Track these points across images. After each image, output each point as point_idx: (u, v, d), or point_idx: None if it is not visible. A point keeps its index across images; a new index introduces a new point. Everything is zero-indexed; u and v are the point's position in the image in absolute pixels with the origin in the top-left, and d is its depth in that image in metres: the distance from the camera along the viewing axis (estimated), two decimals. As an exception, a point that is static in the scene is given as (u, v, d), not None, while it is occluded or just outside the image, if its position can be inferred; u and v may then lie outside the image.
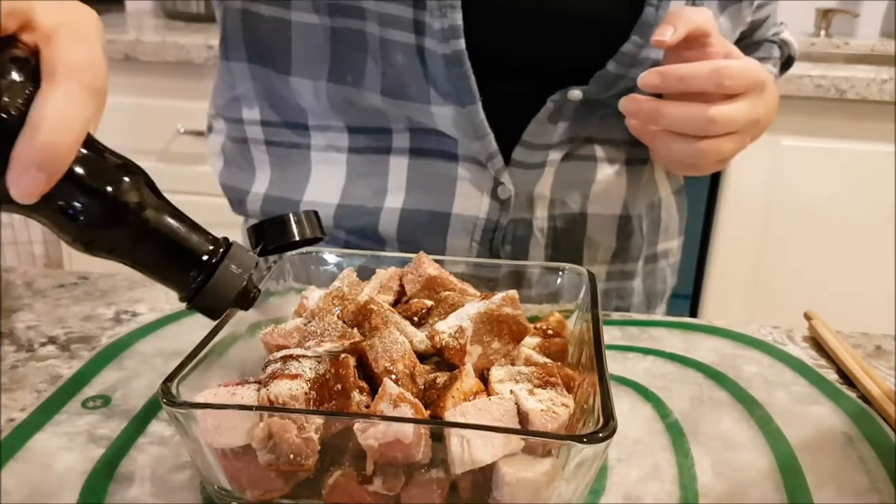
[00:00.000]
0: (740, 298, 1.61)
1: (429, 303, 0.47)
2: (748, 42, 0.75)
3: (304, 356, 0.39)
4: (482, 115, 0.61)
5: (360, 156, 0.67)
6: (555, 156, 0.64)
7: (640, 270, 0.74)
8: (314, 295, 0.48)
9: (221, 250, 0.38)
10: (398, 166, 0.65)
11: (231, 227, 2.00)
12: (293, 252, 0.52)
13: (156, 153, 1.74)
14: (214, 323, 0.41)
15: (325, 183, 0.67)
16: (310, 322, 0.43)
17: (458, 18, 0.57)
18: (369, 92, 0.62)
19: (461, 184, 0.64)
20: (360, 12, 0.59)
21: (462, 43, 0.58)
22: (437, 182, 0.65)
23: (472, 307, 0.43)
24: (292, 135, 0.68)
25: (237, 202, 0.73)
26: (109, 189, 0.34)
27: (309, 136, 0.68)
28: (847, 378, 0.53)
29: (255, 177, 0.70)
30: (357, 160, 0.67)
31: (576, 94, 0.61)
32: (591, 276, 0.49)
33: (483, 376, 0.41)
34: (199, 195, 1.76)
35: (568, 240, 0.68)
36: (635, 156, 0.68)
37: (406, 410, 0.36)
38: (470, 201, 0.65)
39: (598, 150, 0.66)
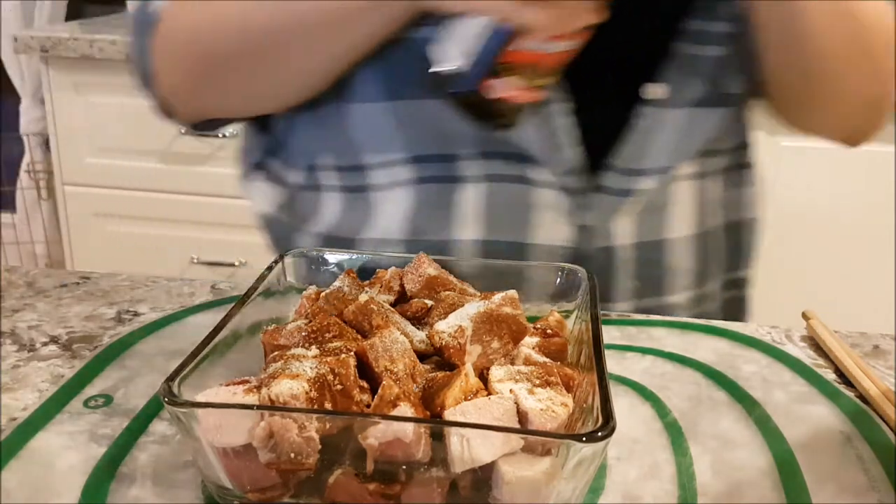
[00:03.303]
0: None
1: (429, 303, 0.47)
2: None
3: (304, 356, 0.39)
4: (566, 119, 0.58)
5: (425, 186, 0.62)
6: (646, 184, 0.62)
7: (718, 295, 0.71)
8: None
9: None
10: (469, 195, 0.61)
11: (232, 228, 1.99)
12: (293, 252, 0.52)
13: (157, 153, 1.74)
14: (215, 324, 0.42)
15: (391, 219, 0.63)
16: (310, 322, 0.43)
17: None
18: (433, 101, 0.58)
19: (540, 211, 0.61)
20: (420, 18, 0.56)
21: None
22: (513, 210, 0.61)
23: (472, 307, 0.43)
24: (349, 177, 0.64)
25: (282, 241, 0.69)
26: None
27: (366, 176, 0.63)
28: (845, 377, 0.53)
29: (309, 220, 0.67)
30: (423, 191, 0.62)
31: (655, 89, 0.58)
32: (591, 276, 0.49)
33: (483, 376, 0.41)
34: (199, 195, 1.76)
35: (650, 268, 0.65)
36: (708, 168, 0.65)
37: (406, 410, 0.36)
38: (550, 230, 0.61)
39: (683, 168, 0.64)
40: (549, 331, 0.46)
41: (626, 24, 0.55)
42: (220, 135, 1.68)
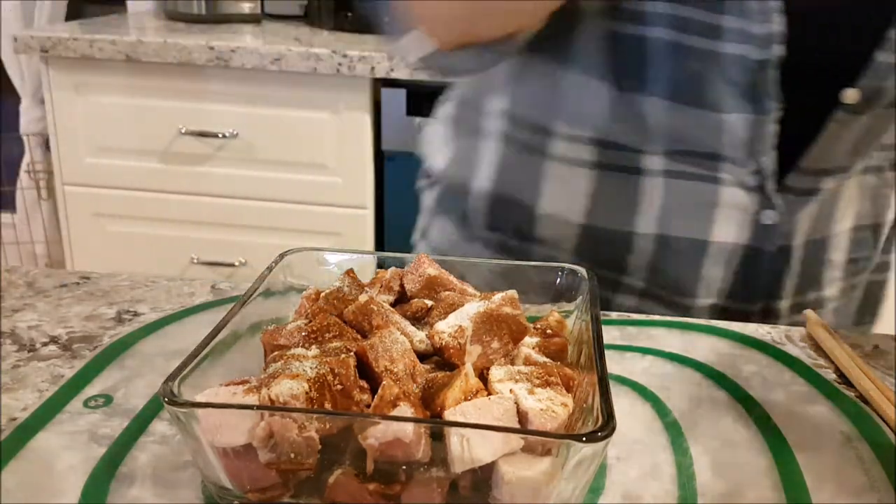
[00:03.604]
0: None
1: (429, 303, 0.47)
2: None
3: (304, 356, 0.39)
4: (774, 125, 0.59)
5: (606, 173, 0.63)
6: (828, 184, 0.62)
7: (865, 281, 0.71)
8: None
9: None
10: (651, 188, 0.62)
11: (232, 228, 1.99)
12: (293, 251, 0.52)
13: (157, 154, 1.74)
14: (215, 324, 0.42)
15: (566, 199, 0.64)
16: (310, 322, 0.43)
17: (782, 23, 0.55)
18: (655, 98, 0.59)
19: (722, 209, 0.62)
20: (643, 17, 0.57)
21: (782, 48, 0.55)
22: (694, 207, 0.62)
23: (472, 307, 0.43)
24: (531, 136, 0.65)
25: (454, 196, 0.70)
26: None
27: (550, 144, 0.64)
28: (845, 378, 0.53)
29: (477, 173, 0.68)
30: (604, 177, 0.63)
31: (852, 94, 0.58)
32: (591, 276, 0.49)
33: (483, 376, 0.41)
34: (199, 195, 1.76)
35: (813, 264, 0.66)
36: (871, 162, 0.65)
37: (406, 410, 0.36)
38: (731, 229, 0.62)
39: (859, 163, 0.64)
40: (549, 331, 0.46)
41: (831, 31, 0.56)
42: (220, 135, 1.68)
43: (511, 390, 0.38)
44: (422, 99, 1.64)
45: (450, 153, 0.71)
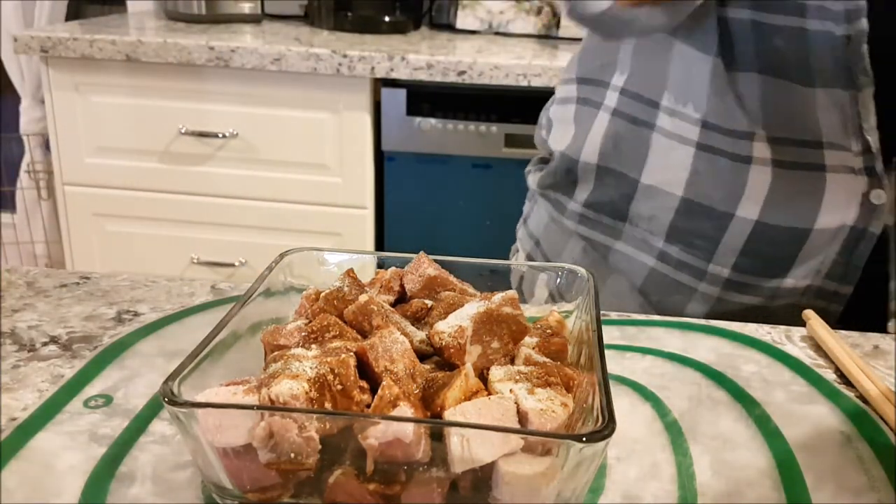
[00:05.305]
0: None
1: (429, 303, 0.47)
2: None
3: (304, 356, 0.39)
4: (872, 102, 0.58)
5: (710, 156, 0.63)
6: None
7: None
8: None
9: None
10: (759, 176, 0.62)
11: (232, 228, 1.99)
12: (293, 251, 0.52)
13: (157, 154, 1.74)
14: (215, 324, 0.42)
15: (668, 171, 0.64)
16: (310, 322, 0.43)
17: None
18: (751, 74, 0.59)
19: (828, 196, 0.61)
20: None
21: (865, 23, 0.55)
22: (801, 197, 0.61)
23: (472, 307, 0.43)
24: (641, 109, 0.65)
25: (565, 170, 0.71)
26: None
27: (657, 116, 0.64)
28: (845, 378, 0.53)
29: (587, 147, 0.68)
30: (709, 159, 0.63)
31: None
32: (591, 276, 0.49)
33: (483, 376, 0.41)
34: (199, 195, 1.76)
35: None
36: None
37: (406, 410, 0.36)
38: (838, 212, 0.61)
39: None
40: (549, 331, 0.46)
41: None
42: (220, 135, 1.68)
43: (511, 390, 0.38)
44: (422, 99, 1.64)
45: (570, 131, 0.72)
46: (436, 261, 0.50)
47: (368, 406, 0.37)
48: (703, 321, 0.61)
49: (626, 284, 0.70)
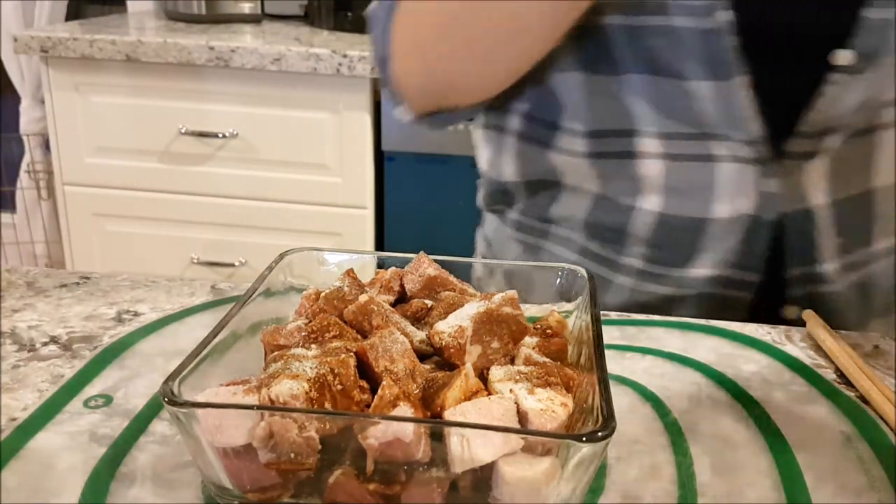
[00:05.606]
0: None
1: (429, 303, 0.47)
2: None
3: (304, 356, 0.39)
4: (746, 92, 0.59)
5: (607, 160, 0.65)
6: (834, 141, 0.62)
7: None
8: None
9: None
10: (654, 169, 0.64)
11: (232, 228, 1.99)
12: (293, 251, 0.52)
13: (157, 154, 1.74)
14: (215, 324, 0.42)
15: (578, 176, 0.67)
16: (310, 322, 0.43)
17: None
18: (628, 76, 0.61)
19: (721, 186, 0.62)
20: (601, 7, 0.58)
21: (727, 15, 0.56)
22: (695, 188, 0.63)
23: (472, 307, 0.43)
24: (543, 132, 0.68)
25: (493, 189, 0.75)
26: None
27: (557, 137, 0.67)
28: (845, 378, 0.53)
29: (506, 168, 0.72)
30: (604, 163, 0.65)
31: (844, 55, 0.58)
32: (591, 277, 0.49)
33: (483, 376, 0.41)
34: (199, 195, 1.76)
35: (855, 222, 0.65)
36: None
37: (406, 410, 0.36)
38: (730, 203, 0.63)
39: (884, 115, 0.63)
40: (549, 331, 0.47)
41: None
42: (220, 135, 1.68)
43: (511, 390, 0.38)
44: (422, 99, 1.64)
45: (486, 153, 0.75)
46: (436, 261, 0.50)
47: (368, 406, 0.37)
48: (702, 321, 0.61)
49: None
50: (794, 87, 0.60)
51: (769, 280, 0.66)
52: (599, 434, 0.33)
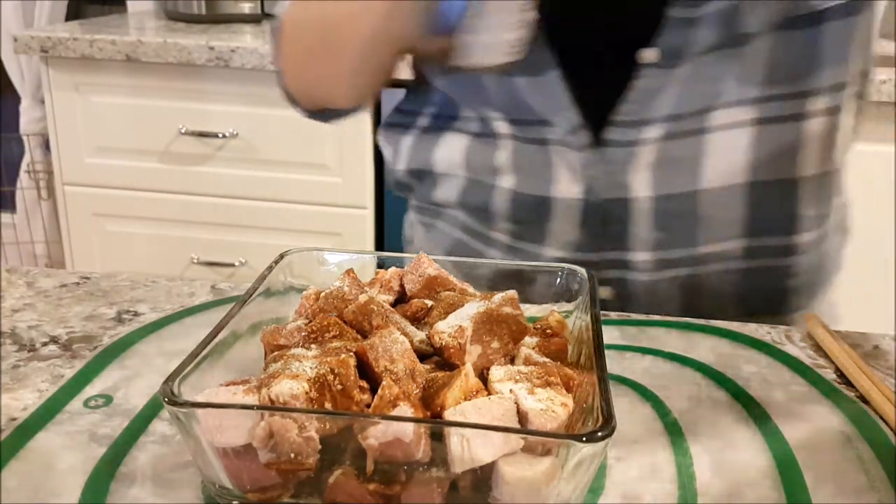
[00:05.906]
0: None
1: (429, 303, 0.47)
2: None
3: (304, 356, 0.39)
4: (560, 84, 0.63)
5: (470, 136, 0.72)
6: (652, 133, 0.64)
7: (802, 246, 0.69)
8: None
9: None
10: (505, 150, 0.70)
11: (232, 228, 1.99)
12: (293, 251, 0.52)
13: (157, 154, 1.74)
14: (215, 324, 0.42)
15: (452, 159, 0.73)
16: (310, 322, 0.43)
17: None
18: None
19: (556, 169, 0.67)
20: None
21: (534, 14, 0.58)
22: (536, 167, 0.68)
23: (472, 307, 0.43)
24: (433, 123, 0.75)
25: (394, 182, 0.82)
26: None
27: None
28: (845, 378, 0.53)
29: (398, 162, 0.79)
30: (469, 140, 0.72)
31: (650, 53, 0.61)
32: (591, 277, 0.49)
33: (483, 376, 0.41)
34: (199, 195, 1.76)
35: (677, 219, 0.66)
36: (768, 113, 0.64)
37: (406, 410, 0.36)
38: (566, 185, 0.67)
39: (712, 119, 0.64)
40: (549, 331, 0.47)
41: None
42: (220, 135, 1.68)
43: (511, 390, 0.38)
44: (422, 99, 1.64)
45: (387, 151, 0.82)
46: (436, 261, 0.50)
47: (368, 406, 0.37)
48: (703, 321, 0.61)
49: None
50: (608, 81, 0.64)
51: (620, 264, 0.69)
52: (599, 434, 0.33)
